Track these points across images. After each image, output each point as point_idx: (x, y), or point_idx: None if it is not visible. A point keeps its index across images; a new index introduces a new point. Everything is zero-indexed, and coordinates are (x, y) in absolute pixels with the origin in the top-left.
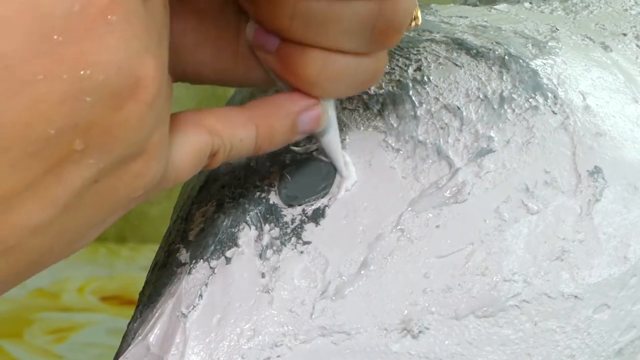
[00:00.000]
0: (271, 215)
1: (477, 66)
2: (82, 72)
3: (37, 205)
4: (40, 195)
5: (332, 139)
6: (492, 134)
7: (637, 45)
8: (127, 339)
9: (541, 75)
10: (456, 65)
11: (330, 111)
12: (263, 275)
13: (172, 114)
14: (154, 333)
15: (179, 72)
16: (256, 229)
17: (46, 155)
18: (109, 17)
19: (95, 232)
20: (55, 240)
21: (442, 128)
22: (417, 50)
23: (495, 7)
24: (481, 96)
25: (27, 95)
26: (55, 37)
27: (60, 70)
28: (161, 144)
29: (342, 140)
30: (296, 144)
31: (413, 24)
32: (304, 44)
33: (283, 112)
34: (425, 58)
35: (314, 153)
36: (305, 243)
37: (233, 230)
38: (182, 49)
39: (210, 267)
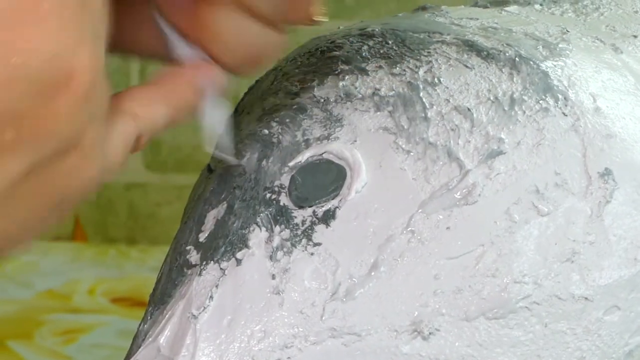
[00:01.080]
0: (282, 216)
1: (487, 68)
2: (13, 60)
3: None
4: None
5: (213, 109)
6: (502, 135)
7: None
8: (137, 341)
9: (552, 77)
10: (467, 67)
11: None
12: (273, 277)
13: None
14: (164, 334)
15: None
16: (267, 230)
17: None
18: (43, 4)
19: (32, 231)
20: None
21: (452, 130)
22: (428, 52)
23: (505, 9)
24: (492, 98)
25: None
26: None
27: None
28: (96, 141)
29: (353, 142)
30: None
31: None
32: (219, 2)
33: (185, 79)
34: (436, 60)
35: (325, 155)
36: (315, 244)
37: (244, 231)
38: None
39: (221, 269)
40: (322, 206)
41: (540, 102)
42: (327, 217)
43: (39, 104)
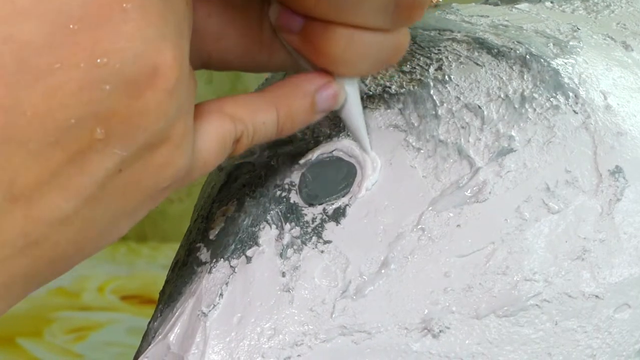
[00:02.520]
0: (292, 214)
1: (498, 65)
2: (98, 60)
3: (61, 196)
4: (63, 186)
5: (353, 114)
6: (513, 133)
7: None
8: (147, 338)
9: (562, 75)
10: (477, 64)
11: (350, 88)
12: (284, 275)
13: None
14: (174, 332)
15: (203, 59)
16: (277, 228)
17: (67, 145)
18: (124, 5)
19: (125, 224)
20: (81, 233)
21: (463, 127)
22: (438, 50)
23: (516, 6)
24: (502, 95)
25: (44, 85)
26: (71, 26)
27: (77, 59)
28: (185, 133)
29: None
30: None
31: (434, 0)
32: (329, 22)
33: (300, 92)
34: (447, 57)
35: (335, 152)
36: (325, 242)
37: (254, 229)
38: (207, 34)
39: (231, 266)
40: (333, 204)
41: (551, 99)
42: (338, 215)
43: (126, 102)
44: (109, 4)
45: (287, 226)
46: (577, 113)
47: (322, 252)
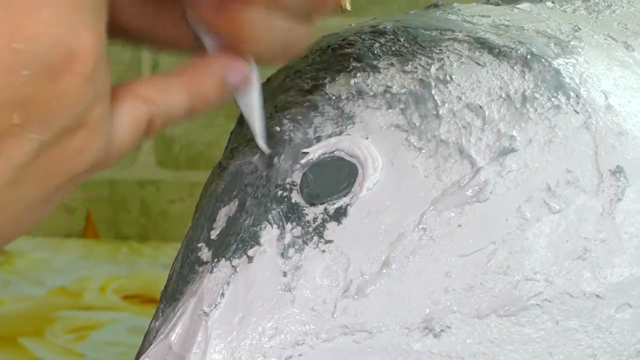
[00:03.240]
0: (293, 214)
1: (499, 65)
2: (15, 46)
3: None
4: None
5: (252, 102)
6: (514, 133)
7: None
8: (148, 338)
9: (563, 75)
10: (478, 64)
11: (253, 74)
12: (285, 274)
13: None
14: (175, 332)
15: (118, 32)
16: (278, 227)
17: None
18: None
19: (42, 209)
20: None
21: (464, 127)
22: (440, 50)
23: (517, 6)
24: (503, 95)
25: None
26: None
27: None
28: (102, 118)
29: (365, 139)
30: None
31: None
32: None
33: (211, 71)
34: (448, 57)
35: (336, 152)
36: (327, 242)
37: (255, 229)
38: (121, 7)
39: (232, 266)
40: (334, 203)
41: (552, 99)
42: (339, 215)
43: (43, 87)
44: None
45: (289, 226)
46: (578, 113)
47: (323, 251)
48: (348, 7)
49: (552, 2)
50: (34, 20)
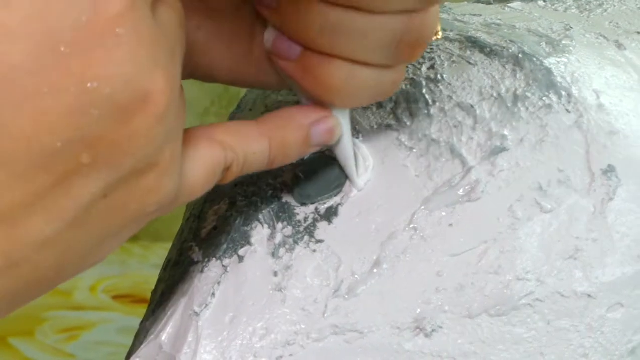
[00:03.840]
0: (284, 213)
1: (490, 64)
2: (89, 85)
3: (44, 219)
4: (47, 209)
5: (344, 148)
6: (505, 132)
7: None
8: (139, 338)
9: (555, 74)
10: (470, 63)
11: (343, 120)
12: (276, 274)
13: (185, 129)
14: (166, 332)
15: (190, 69)
16: (269, 227)
17: (53, 168)
18: (117, 30)
19: (108, 247)
20: (63, 256)
21: (455, 126)
22: (431, 49)
23: (509, 5)
24: (495, 94)
25: (32, 108)
26: (62, 49)
27: (67, 83)
28: (173, 159)
29: (356, 138)
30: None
31: (434, 38)
32: (329, 55)
33: (295, 124)
34: (439, 56)
35: (327, 152)
36: (318, 242)
37: (246, 228)
38: (195, 46)
39: (223, 266)
40: (325, 203)
41: (544, 98)
42: (330, 214)
43: (115, 127)
44: (101, 28)
45: (279, 225)
46: (569, 112)
47: (314, 251)
48: (440, 34)
49: (544, 1)
50: (108, 60)
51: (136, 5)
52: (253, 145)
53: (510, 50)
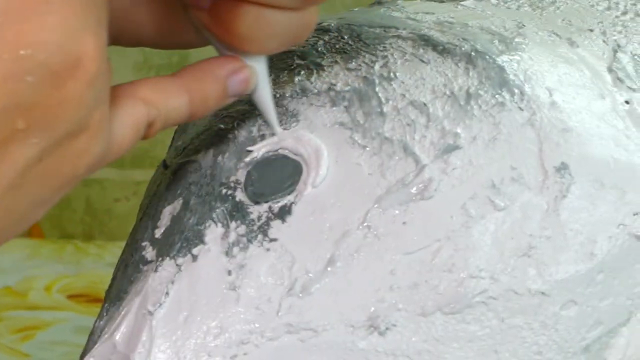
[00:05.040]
0: (237, 212)
1: (443, 62)
2: (22, 52)
3: None
4: None
5: (263, 96)
6: (458, 130)
7: (604, 41)
8: (93, 337)
9: (507, 72)
10: (422, 61)
11: (260, 69)
12: (230, 273)
13: None
14: (120, 331)
15: (115, 35)
16: (222, 226)
17: None
18: None
19: (41, 210)
20: (0, 220)
21: (408, 125)
22: (384, 47)
23: (461, 3)
24: (447, 92)
25: None
26: None
27: (1, 51)
28: (102, 121)
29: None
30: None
31: None
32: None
33: (213, 76)
34: (392, 54)
35: (280, 150)
36: (271, 240)
37: (199, 227)
38: (119, 11)
39: (177, 265)
40: (278, 202)
41: (496, 96)
42: (283, 213)
43: (47, 92)
44: None
45: (233, 224)
46: (522, 110)
47: (267, 250)
48: None
49: None
50: (40, 27)
51: None
52: (174, 100)
53: (463, 49)
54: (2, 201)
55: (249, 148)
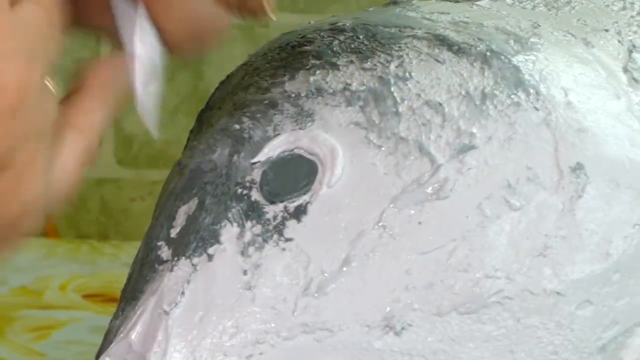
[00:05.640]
0: (253, 212)
1: (459, 62)
2: None
3: None
4: None
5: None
6: (474, 130)
7: (619, 41)
8: (109, 337)
9: (523, 72)
10: (438, 61)
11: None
12: (245, 273)
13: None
14: (135, 330)
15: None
16: (238, 226)
17: None
18: None
19: None
20: None
21: (424, 124)
22: (399, 47)
23: (477, 3)
24: (463, 92)
25: None
26: None
27: None
28: (37, 159)
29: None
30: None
31: None
32: None
33: (112, 78)
34: (407, 54)
35: (296, 150)
36: (287, 240)
37: (215, 227)
38: None
39: (192, 264)
40: (294, 201)
41: (512, 96)
42: (299, 213)
43: None
44: None
45: (249, 224)
46: (538, 110)
47: (283, 249)
48: (272, 15)
49: None
50: None
51: None
52: (99, 118)
53: (479, 48)
54: None
55: (265, 148)
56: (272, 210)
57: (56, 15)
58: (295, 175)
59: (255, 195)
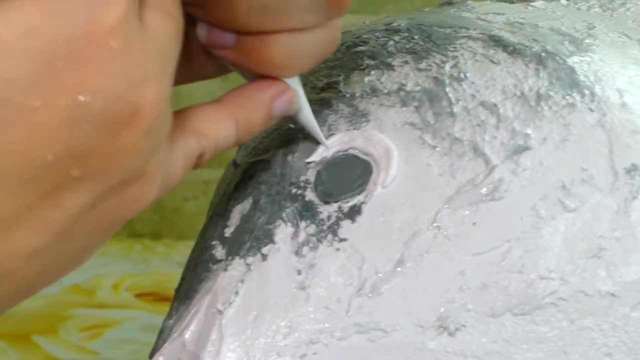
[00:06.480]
0: (307, 212)
1: (513, 63)
2: (81, 99)
3: (33, 231)
4: (36, 222)
5: (305, 113)
6: (528, 131)
7: None
8: (162, 336)
9: (578, 73)
10: (493, 62)
11: (297, 87)
12: (299, 272)
13: None
14: (189, 330)
15: None
16: (292, 225)
17: (43, 182)
18: (110, 42)
19: (88, 254)
20: (49, 265)
21: (478, 125)
22: (454, 47)
23: (532, 4)
24: (518, 93)
25: (25, 122)
26: (58, 63)
27: (59, 97)
28: (158, 168)
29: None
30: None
31: None
32: (264, 33)
33: (258, 101)
34: (462, 55)
35: (350, 150)
36: (341, 240)
37: (269, 227)
38: None
39: (247, 264)
40: (348, 201)
41: (567, 97)
42: (353, 213)
43: (104, 141)
44: (96, 41)
45: (303, 224)
46: (593, 111)
47: (337, 250)
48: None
49: (567, 0)
50: (101, 73)
51: (129, 16)
52: (223, 129)
53: (533, 49)
54: (52, 247)
55: (319, 148)
56: (327, 210)
57: (182, 26)
58: (350, 175)
59: (310, 195)
